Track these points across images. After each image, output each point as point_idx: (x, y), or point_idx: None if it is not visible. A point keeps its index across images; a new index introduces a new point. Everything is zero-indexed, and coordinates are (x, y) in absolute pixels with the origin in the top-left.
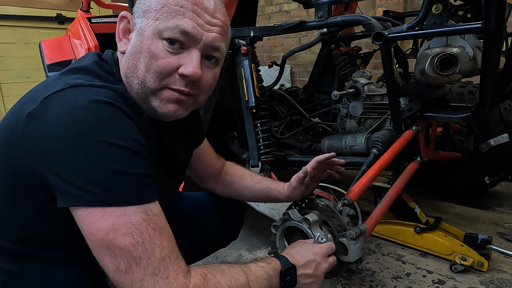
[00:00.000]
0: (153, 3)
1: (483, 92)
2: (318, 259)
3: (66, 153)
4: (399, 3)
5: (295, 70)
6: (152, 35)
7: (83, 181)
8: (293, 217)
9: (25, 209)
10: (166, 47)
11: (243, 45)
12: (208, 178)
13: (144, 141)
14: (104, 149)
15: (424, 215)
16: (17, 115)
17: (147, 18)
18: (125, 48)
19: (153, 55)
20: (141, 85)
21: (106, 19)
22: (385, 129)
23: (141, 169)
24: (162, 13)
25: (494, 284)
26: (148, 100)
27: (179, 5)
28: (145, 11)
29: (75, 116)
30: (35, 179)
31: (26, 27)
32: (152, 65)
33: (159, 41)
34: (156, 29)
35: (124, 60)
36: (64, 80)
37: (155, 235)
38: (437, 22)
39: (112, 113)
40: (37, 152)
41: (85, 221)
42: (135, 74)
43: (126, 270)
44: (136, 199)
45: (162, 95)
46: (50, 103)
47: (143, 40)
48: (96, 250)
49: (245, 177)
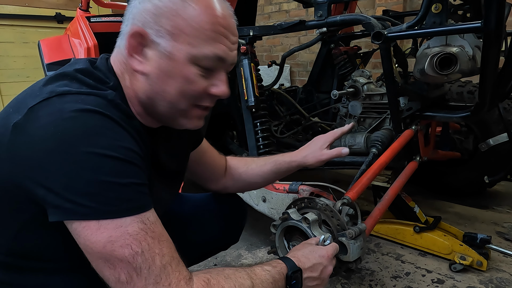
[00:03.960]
0: (185, 27)
1: (483, 91)
2: (325, 262)
3: (55, 166)
4: (398, 3)
5: (294, 70)
6: (186, 61)
7: (75, 195)
8: (293, 217)
9: (14, 221)
10: (200, 71)
11: (242, 45)
12: (215, 177)
13: (137, 149)
14: (95, 161)
15: (424, 215)
16: (3, 125)
17: (178, 42)
18: (142, 68)
19: (188, 80)
20: (170, 107)
21: (105, 18)
22: (385, 128)
23: (134, 178)
24: (197, 38)
25: (493, 283)
26: (174, 117)
27: (214, 31)
28: (174, 34)
29: (63, 127)
30: (23, 192)
31: (25, 26)
32: (187, 90)
33: (193, 66)
34: (191, 55)
35: (147, 82)
36: (50, 88)
37: (154, 244)
38: (437, 22)
39: (100, 122)
40: (24, 166)
41: (81, 234)
42: (163, 96)
43: (127, 281)
44: (132, 209)
45: (191, 113)
46: (35, 113)
47: (174, 65)
48: (95, 263)
49: (249, 164)
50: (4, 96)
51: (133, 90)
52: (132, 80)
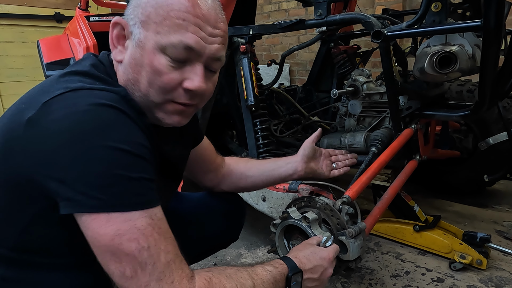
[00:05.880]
0: (152, 14)
1: (482, 90)
2: (326, 265)
3: (69, 158)
4: (398, 1)
5: (294, 69)
6: (153, 50)
7: (87, 187)
8: (293, 216)
9: (22, 215)
10: (170, 62)
11: (242, 44)
12: (209, 174)
13: (148, 144)
14: (108, 154)
15: (423, 213)
16: (15, 120)
17: (147, 30)
18: (121, 57)
19: (156, 70)
20: (144, 98)
21: (104, 17)
22: (384, 127)
23: (145, 173)
24: (163, 26)
25: (493, 282)
26: (151, 111)
27: (181, 18)
28: (144, 21)
29: (77, 120)
30: (35, 185)
31: (24, 25)
32: (155, 81)
33: (162, 56)
34: (158, 43)
35: (123, 70)
36: (63, 84)
37: (160, 240)
38: (436, 20)
39: (114, 116)
40: (38, 158)
41: (90, 227)
42: (137, 87)
43: (132, 276)
44: (141, 204)
45: (167, 108)
46: (50, 107)
47: (143, 54)
48: (101, 256)
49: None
50: (3, 95)
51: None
52: (117, 71)
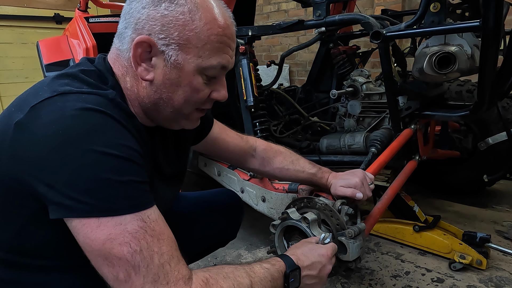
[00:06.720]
0: (193, 38)
1: (481, 90)
2: (324, 261)
3: (56, 163)
4: (397, 2)
5: (293, 69)
6: (194, 71)
7: (76, 192)
8: (292, 216)
9: (16, 217)
10: (205, 80)
11: (241, 44)
12: (240, 160)
13: (138, 147)
14: (96, 158)
15: (423, 214)
16: (5, 123)
17: (187, 53)
18: (150, 77)
19: (195, 89)
20: (175, 113)
21: (104, 18)
22: (384, 127)
23: (135, 176)
24: (205, 50)
25: (493, 282)
26: (176, 121)
27: (219, 42)
28: (183, 45)
29: (64, 125)
30: (24, 188)
31: (23, 27)
32: (192, 98)
33: (199, 76)
34: (199, 66)
35: (154, 90)
36: (52, 87)
37: (153, 242)
38: (435, 21)
39: (102, 120)
40: (26, 162)
41: (81, 232)
42: (170, 104)
43: (126, 279)
44: (132, 207)
45: (193, 116)
46: (38, 112)
47: (181, 75)
48: (94, 260)
49: (286, 164)
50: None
51: (135, 93)
52: (136, 84)
